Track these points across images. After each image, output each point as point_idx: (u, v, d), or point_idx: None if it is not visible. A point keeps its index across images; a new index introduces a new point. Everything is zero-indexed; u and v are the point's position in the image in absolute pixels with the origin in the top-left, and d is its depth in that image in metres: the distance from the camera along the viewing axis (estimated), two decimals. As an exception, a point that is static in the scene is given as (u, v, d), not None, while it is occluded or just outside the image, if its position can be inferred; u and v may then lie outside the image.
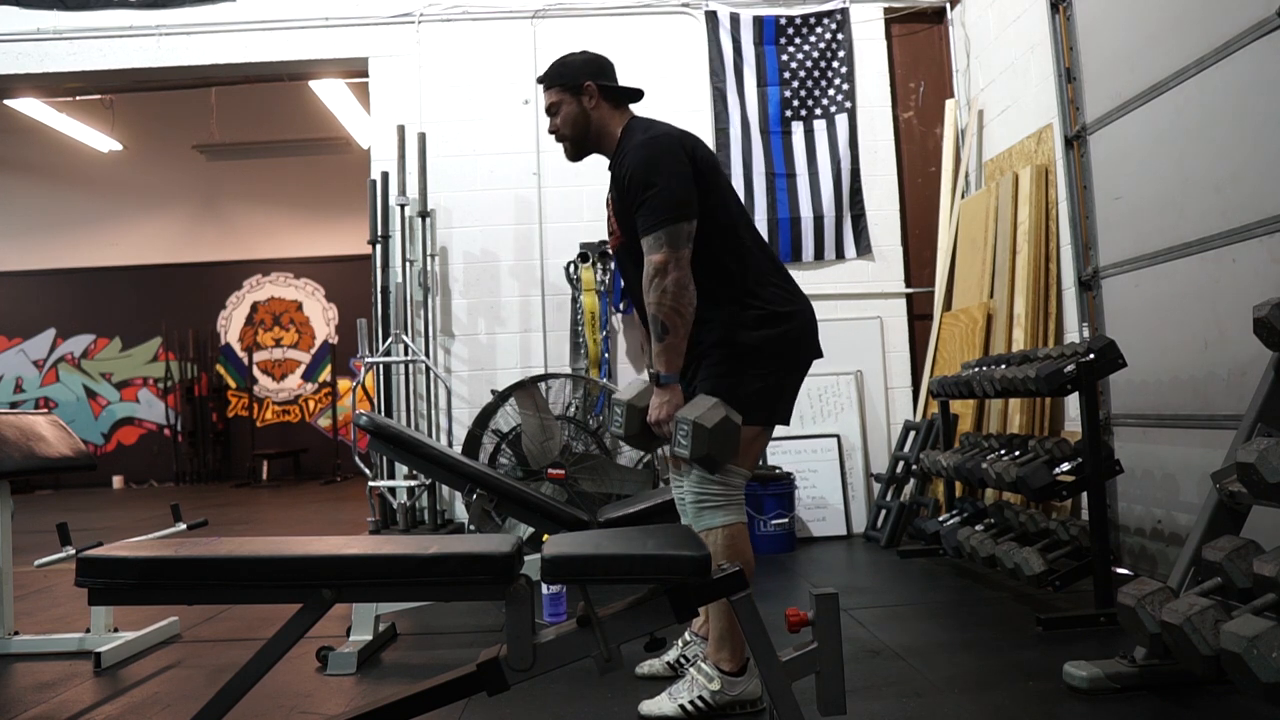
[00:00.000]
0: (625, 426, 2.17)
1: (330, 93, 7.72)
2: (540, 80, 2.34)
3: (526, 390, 3.96)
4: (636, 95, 2.34)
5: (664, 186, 2.07)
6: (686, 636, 2.45)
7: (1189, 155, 3.00)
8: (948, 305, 4.78)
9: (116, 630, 2.93)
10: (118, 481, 10.41)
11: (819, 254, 4.97)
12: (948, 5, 5.13)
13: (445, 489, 4.81)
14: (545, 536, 2.95)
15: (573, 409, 4.42)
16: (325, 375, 10.94)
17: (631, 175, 2.12)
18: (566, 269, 4.89)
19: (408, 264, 4.92)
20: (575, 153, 2.35)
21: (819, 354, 2.26)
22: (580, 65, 2.29)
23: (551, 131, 2.34)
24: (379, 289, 4.93)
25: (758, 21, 5.04)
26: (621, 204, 2.20)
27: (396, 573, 1.62)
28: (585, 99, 2.27)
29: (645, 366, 2.54)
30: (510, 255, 4.98)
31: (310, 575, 1.61)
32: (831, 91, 5.04)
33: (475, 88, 5.05)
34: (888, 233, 5.03)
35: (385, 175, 4.96)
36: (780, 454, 4.67)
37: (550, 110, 2.32)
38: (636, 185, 2.11)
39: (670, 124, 2.26)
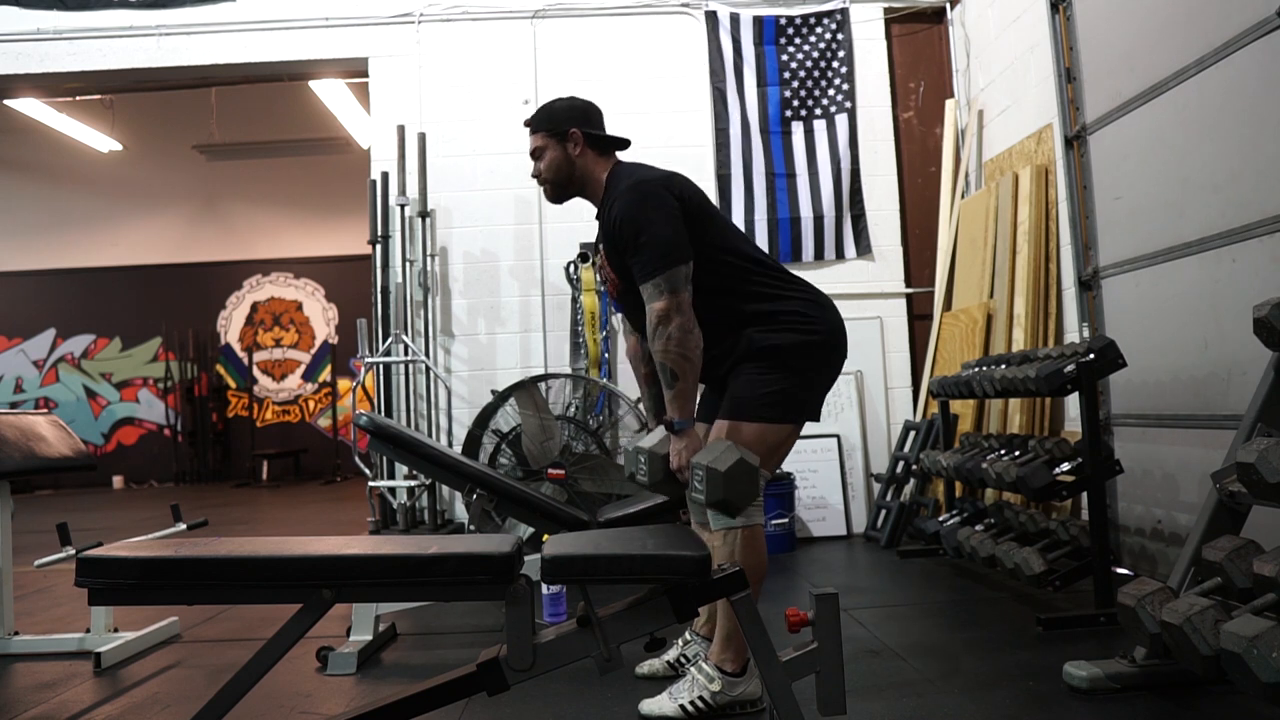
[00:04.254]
0: (649, 475, 2.14)
1: (330, 93, 7.73)
2: (526, 124, 2.33)
3: (526, 390, 3.96)
4: (623, 144, 2.33)
5: (655, 233, 2.06)
6: (687, 636, 2.45)
7: (1189, 155, 3.00)
8: (948, 305, 4.78)
9: (116, 630, 2.93)
10: (118, 481, 10.41)
11: (819, 254, 4.97)
12: (948, 5, 5.13)
13: (445, 489, 4.81)
14: (545, 536, 2.95)
15: (573, 409, 4.42)
16: (325, 375, 10.94)
17: (621, 224, 2.11)
18: (566, 269, 4.89)
19: (408, 264, 4.92)
20: (556, 196, 2.33)
21: (845, 356, 2.25)
22: (566, 111, 2.28)
23: (535, 176, 2.33)
24: (379, 289, 4.93)
25: (758, 21, 5.03)
26: (614, 252, 2.18)
27: (396, 573, 1.62)
28: (570, 145, 2.26)
29: (646, 410, 2.53)
30: (510, 255, 4.98)
31: (310, 575, 1.60)
32: (831, 91, 5.04)
33: (475, 88, 5.05)
34: (888, 233, 5.03)
35: (385, 175, 4.96)
36: (780, 454, 4.67)
37: (534, 154, 2.31)
38: (627, 234, 2.10)
39: (656, 168, 2.23)
